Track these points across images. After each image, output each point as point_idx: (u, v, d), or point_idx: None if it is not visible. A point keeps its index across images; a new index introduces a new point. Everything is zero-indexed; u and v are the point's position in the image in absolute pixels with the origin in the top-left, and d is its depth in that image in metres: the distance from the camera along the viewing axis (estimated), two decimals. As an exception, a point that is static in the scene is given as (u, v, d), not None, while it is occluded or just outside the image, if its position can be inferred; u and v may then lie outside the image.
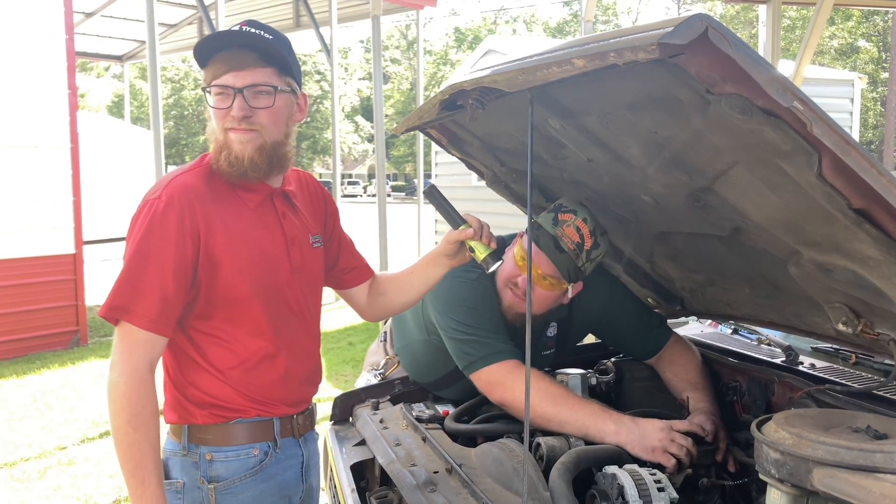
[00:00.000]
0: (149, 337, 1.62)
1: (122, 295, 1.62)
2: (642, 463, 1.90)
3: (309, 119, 45.86)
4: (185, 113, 43.76)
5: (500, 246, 2.03)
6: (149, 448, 1.61)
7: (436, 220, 12.77)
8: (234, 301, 1.70)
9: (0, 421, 5.62)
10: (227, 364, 1.72)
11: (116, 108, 36.45)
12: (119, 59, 15.00)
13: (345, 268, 2.06)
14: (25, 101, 7.45)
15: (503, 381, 2.14)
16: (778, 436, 1.53)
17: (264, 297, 1.73)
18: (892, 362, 1.82)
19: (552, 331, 2.46)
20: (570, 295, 2.26)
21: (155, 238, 1.61)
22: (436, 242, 12.41)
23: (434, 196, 1.97)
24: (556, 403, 2.05)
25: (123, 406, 1.60)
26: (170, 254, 1.61)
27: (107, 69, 38.64)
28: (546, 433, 2.09)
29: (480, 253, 1.89)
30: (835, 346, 2.26)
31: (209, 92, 1.68)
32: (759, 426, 1.62)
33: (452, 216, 1.93)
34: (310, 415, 1.91)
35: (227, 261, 1.67)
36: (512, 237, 2.37)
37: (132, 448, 1.61)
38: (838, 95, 10.08)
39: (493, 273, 2.08)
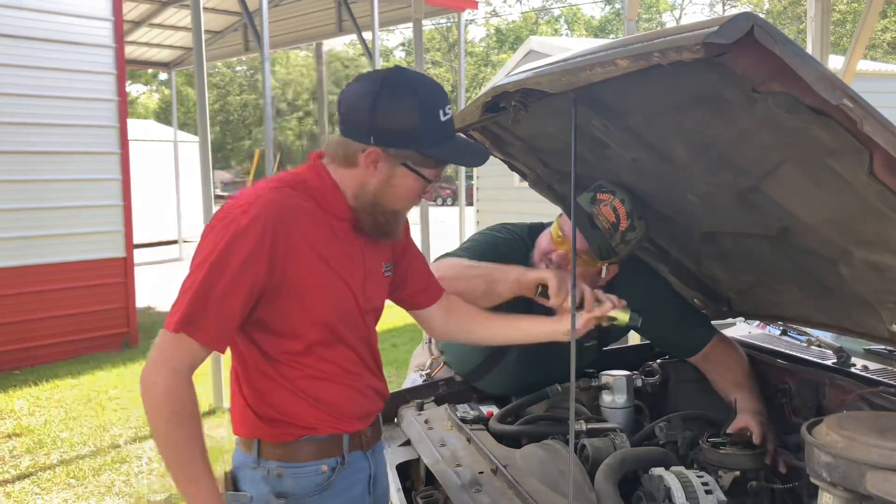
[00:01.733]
0: (200, 349, 1.57)
1: (193, 309, 1.54)
2: (689, 465, 1.88)
3: (351, 123, 46.16)
4: (231, 118, 44.48)
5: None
6: (195, 444, 1.56)
7: (477, 223, 12.77)
8: (311, 322, 1.67)
9: (56, 420, 5.79)
10: (302, 381, 1.69)
11: (164, 115, 37.22)
12: (167, 66, 15.30)
13: (414, 291, 2.01)
14: (77, 108, 7.66)
15: (443, 274, 2.14)
16: (830, 439, 1.50)
17: (340, 320, 1.71)
18: (949, 364, 1.78)
19: None
20: (604, 275, 2.25)
21: (234, 255, 1.55)
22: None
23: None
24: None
25: (163, 404, 1.54)
26: (245, 274, 1.56)
27: (155, 76, 39.50)
28: (591, 434, 2.09)
29: (623, 316, 2.00)
30: (889, 348, 2.21)
31: (415, 170, 1.65)
32: (809, 429, 1.59)
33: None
34: (377, 426, 1.89)
35: (308, 284, 1.63)
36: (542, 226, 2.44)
37: (178, 447, 1.56)
38: (891, 90, 9.83)
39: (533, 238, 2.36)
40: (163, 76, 34.96)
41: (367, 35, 10.11)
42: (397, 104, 1.59)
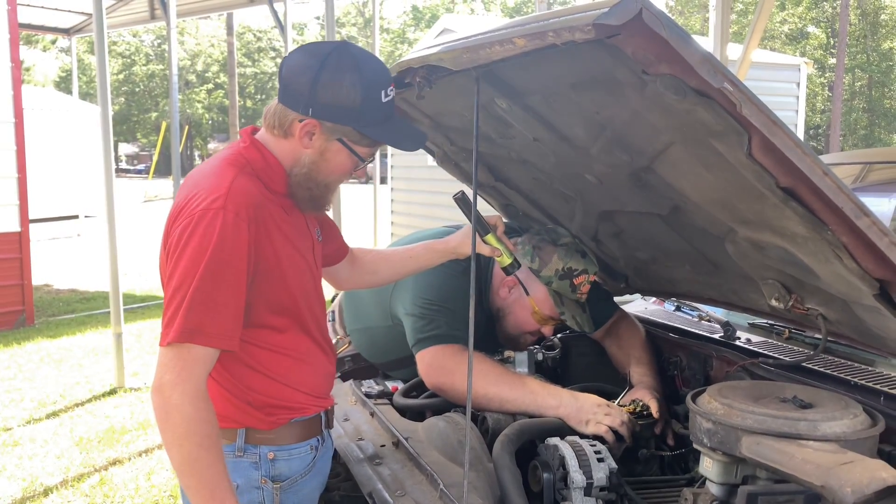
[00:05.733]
0: (214, 353, 1.52)
1: (196, 317, 1.48)
2: (584, 436, 1.95)
3: (263, 96, 45.20)
4: (136, 89, 42.75)
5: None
6: (222, 466, 1.51)
7: (392, 200, 12.73)
8: (285, 306, 1.66)
9: (-58, 402, 5.50)
10: (283, 367, 1.68)
11: (64, 84, 35.45)
12: (66, 32, 14.53)
13: (332, 249, 2.00)
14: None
15: (444, 365, 2.16)
16: (711, 406, 1.59)
17: (307, 298, 1.71)
18: (820, 336, 1.90)
19: None
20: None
21: (226, 254, 1.50)
22: (392, 223, 12.36)
23: (465, 202, 1.95)
24: (498, 383, 2.09)
25: (192, 429, 1.47)
26: (242, 269, 1.52)
27: (53, 42, 37.50)
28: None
29: (507, 259, 1.98)
30: (769, 322, 2.34)
31: (350, 147, 1.63)
32: (694, 398, 1.68)
33: (480, 222, 1.95)
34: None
35: (284, 266, 1.63)
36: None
37: (208, 471, 1.48)
38: (785, 80, 10.28)
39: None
40: (63, 43, 33.25)
41: (279, 7, 9.88)
42: (339, 79, 1.56)
